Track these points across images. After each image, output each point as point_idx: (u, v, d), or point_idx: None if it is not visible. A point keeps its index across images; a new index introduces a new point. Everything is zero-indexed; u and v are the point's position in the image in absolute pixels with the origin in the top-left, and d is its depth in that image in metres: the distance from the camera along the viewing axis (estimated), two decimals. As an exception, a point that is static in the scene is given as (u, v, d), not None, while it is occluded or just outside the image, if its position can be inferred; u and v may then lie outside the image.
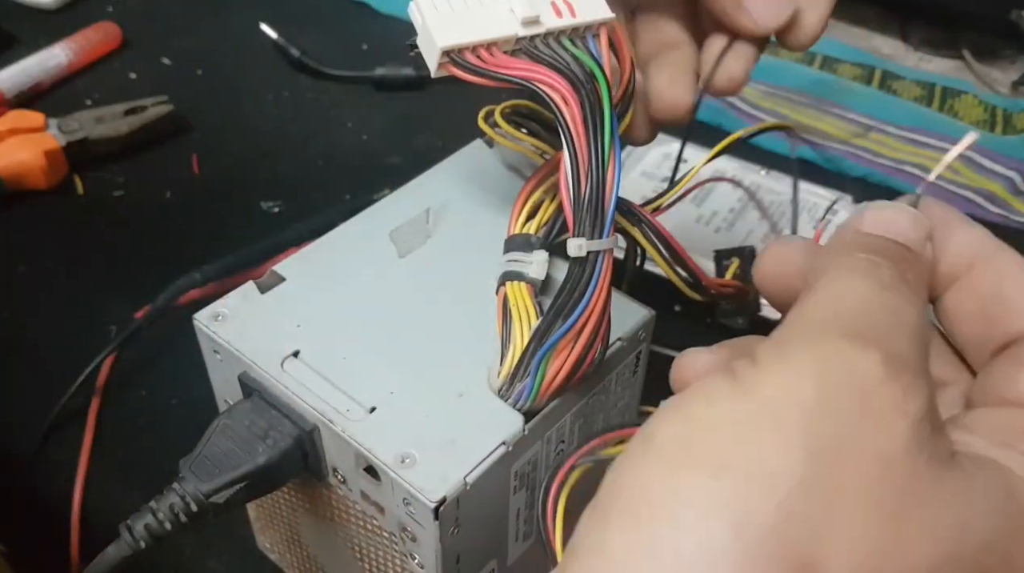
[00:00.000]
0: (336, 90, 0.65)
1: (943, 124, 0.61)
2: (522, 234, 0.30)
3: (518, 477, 0.29)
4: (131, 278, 0.51)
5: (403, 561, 0.29)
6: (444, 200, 0.35)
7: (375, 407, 0.28)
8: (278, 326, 0.31)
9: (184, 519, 0.28)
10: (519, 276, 0.29)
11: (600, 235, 0.27)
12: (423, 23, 0.27)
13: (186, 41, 0.69)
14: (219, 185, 0.58)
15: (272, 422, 0.29)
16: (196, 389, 0.34)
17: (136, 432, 0.44)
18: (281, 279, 0.32)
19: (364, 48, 0.69)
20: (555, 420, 0.29)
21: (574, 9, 0.28)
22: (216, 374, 0.32)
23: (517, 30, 0.27)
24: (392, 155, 0.60)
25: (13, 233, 0.55)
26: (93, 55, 0.67)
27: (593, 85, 0.27)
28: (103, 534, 0.29)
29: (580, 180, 0.27)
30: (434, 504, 0.26)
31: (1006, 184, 0.56)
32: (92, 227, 0.55)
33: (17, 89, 0.62)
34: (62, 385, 0.44)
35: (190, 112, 0.62)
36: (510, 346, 0.28)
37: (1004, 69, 0.67)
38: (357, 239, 0.34)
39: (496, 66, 0.27)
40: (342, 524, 0.31)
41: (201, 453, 0.29)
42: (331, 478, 0.30)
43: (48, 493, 0.42)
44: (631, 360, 0.32)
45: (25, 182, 0.56)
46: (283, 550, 0.37)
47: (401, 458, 0.27)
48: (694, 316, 0.44)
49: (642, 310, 0.32)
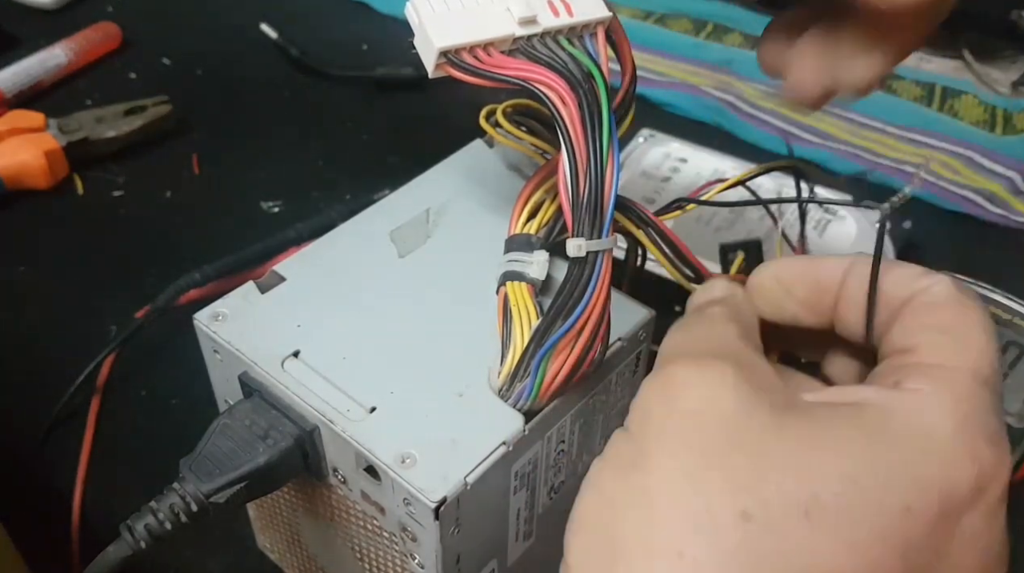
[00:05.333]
0: (336, 90, 0.65)
1: (943, 124, 0.61)
2: (523, 234, 0.30)
3: (518, 477, 0.29)
4: (131, 278, 0.51)
5: (403, 561, 0.29)
6: (444, 200, 0.35)
7: (375, 407, 0.28)
8: (278, 326, 0.31)
9: (184, 519, 0.28)
10: (519, 276, 0.29)
11: (599, 235, 0.27)
12: (419, 23, 0.27)
13: (186, 41, 0.69)
14: (219, 185, 0.58)
15: (272, 422, 0.29)
16: (196, 389, 0.34)
17: (136, 432, 0.44)
18: (281, 279, 0.32)
19: (364, 48, 0.69)
20: (555, 420, 0.29)
21: (571, 8, 0.28)
22: (216, 374, 0.32)
23: (514, 30, 0.27)
24: (392, 155, 0.60)
25: (13, 233, 0.55)
26: (93, 55, 0.67)
27: (591, 85, 0.27)
28: (103, 534, 0.29)
29: (578, 180, 0.27)
30: (434, 504, 0.26)
31: (1006, 184, 0.56)
32: (92, 227, 0.55)
33: (17, 89, 0.62)
34: (62, 385, 0.44)
35: (190, 112, 0.62)
36: (510, 346, 0.28)
37: (1004, 69, 0.67)
38: (357, 239, 0.34)
39: (493, 66, 0.27)
40: (342, 524, 0.31)
41: (201, 453, 0.29)
42: (331, 478, 0.30)
43: (48, 493, 0.42)
44: (631, 360, 0.32)
45: (25, 182, 0.56)
46: (283, 550, 0.37)
47: (401, 458, 0.27)
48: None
49: (642, 310, 0.32)
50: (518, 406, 0.28)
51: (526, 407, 0.28)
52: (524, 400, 0.28)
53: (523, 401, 0.28)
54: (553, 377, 0.27)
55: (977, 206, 0.55)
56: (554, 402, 0.29)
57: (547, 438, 0.30)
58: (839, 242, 0.50)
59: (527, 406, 0.28)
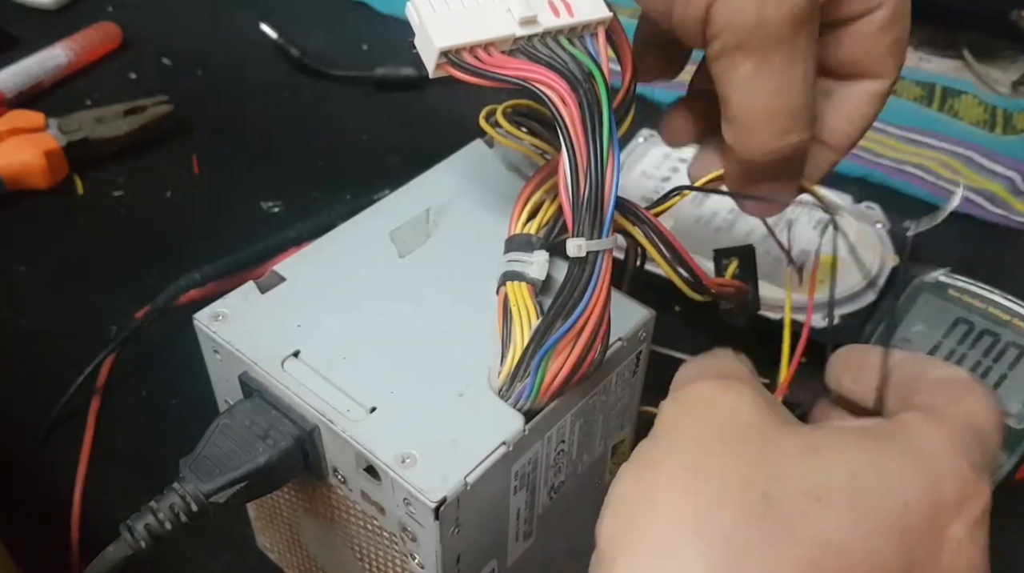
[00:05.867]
0: (336, 90, 0.65)
1: (943, 124, 0.61)
2: (523, 234, 0.30)
3: (518, 477, 0.29)
4: (131, 278, 0.51)
5: (403, 561, 0.29)
6: (444, 200, 0.35)
7: (375, 407, 0.28)
8: (278, 326, 0.31)
9: (184, 519, 0.28)
10: (519, 276, 0.29)
11: (599, 235, 0.27)
12: (420, 23, 0.27)
13: (186, 41, 0.69)
14: (219, 185, 0.58)
15: (272, 422, 0.29)
16: (196, 389, 0.34)
17: (136, 432, 0.44)
18: (281, 279, 0.32)
19: (364, 48, 0.69)
20: (555, 420, 0.29)
21: (572, 8, 0.28)
22: (216, 374, 0.32)
23: (515, 30, 0.27)
24: (392, 155, 0.60)
25: (13, 233, 0.55)
26: (93, 55, 0.67)
27: (591, 85, 0.27)
28: (103, 534, 0.29)
29: (579, 180, 0.27)
30: (434, 504, 0.26)
31: (1006, 184, 0.56)
32: (92, 227, 0.55)
33: (17, 89, 0.62)
34: (62, 385, 0.44)
35: (190, 112, 0.62)
36: (510, 346, 0.28)
37: (1004, 69, 0.67)
38: (357, 239, 0.34)
39: (494, 66, 0.27)
40: (342, 524, 0.31)
41: (201, 453, 0.29)
42: (331, 478, 0.30)
43: (48, 493, 0.42)
44: (631, 360, 0.32)
45: (25, 182, 0.56)
46: (283, 550, 0.37)
47: (401, 458, 0.27)
48: (694, 316, 0.44)
49: (642, 310, 0.32)
50: (518, 406, 0.28)
51: (526, 407, 0.28)
52: (524, 400, 0.28)
53: (523, 401, 0.28)
54: (553, 377, 0.27)
55: (977, 206, 0.55)
56: (554, 402, 0.29)
57: (547, 438, 0.30)
58: (839, 240, 0.50)
59: (527, 406, 0.28)
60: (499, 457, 0.27)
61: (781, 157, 0.28)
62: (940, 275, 0.45)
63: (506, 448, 0.27)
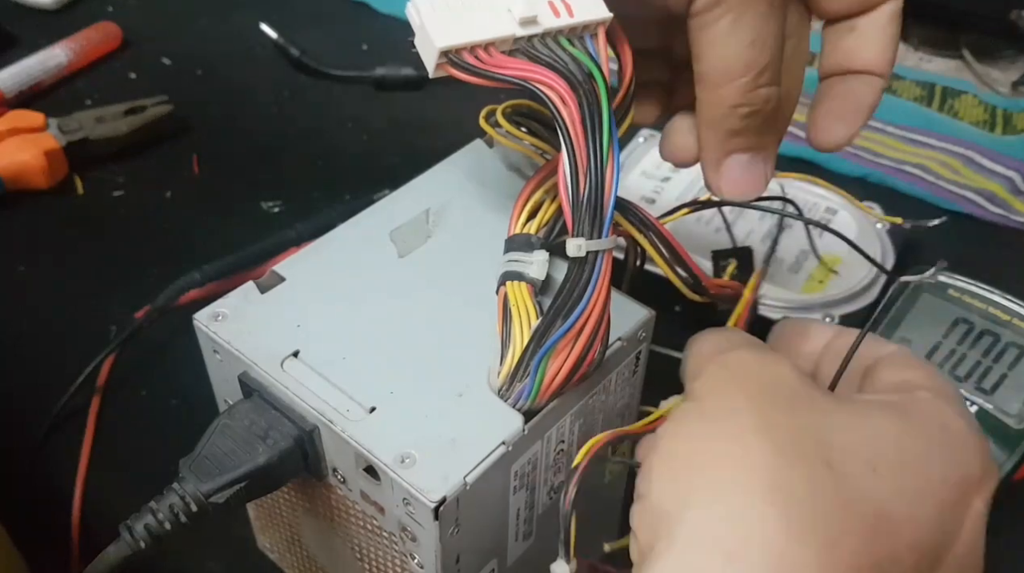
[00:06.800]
0: (336, 90, 0.65)
1: (943, 124, 0.61)
2: (523, 234, 0.30)
3: (518, 477, 0.29)
4: (131, 278, 0.51)
5: (403, 561, 0.29)
6: (444, 200, 0.35)
7: (375, 407, 0.28)
8: (278, 326, 0.31)
9: (184, 519, 0.28)
10: (519, 276, 0.29)
11: (599, 235, 0.27)
12: (421, 23, 0.27)
13: (186, 41, 0.69)
14: (219, 185, 0.58)
15: (272, 422, 0.29)
16: (196, 389, 0.34)
17: (136, 432, 0.44)
18: (281, 279, 0.32)
19: (364, 48, 0.69)
20: (555, 420, 0.29)
21: (572, 9, 0.28)
22: (216, 374, 0.32)
23: (515, 30, 0.27)
24: (392, 155, 0.60)
25: (13, 233, 0.55)
26: (93, 55, 0.67)
27: (591, 85, 0.27)
28: (103, 534, 0.29)
29: (579, 180, 0.27)
30: (434, 504, 0.26)
31: (1006, 184, 0.56)
32: (92, 227, 0.55)
33: (17, 89, 0.62)
34: (62, 385, 0.44)
35: (190, 112, 0.62)
36: (510, 346, 0.28)
37: (1004, 69, 0.67)
38: (357, 239, 0.34)
39: (494, 66, 0.27)
40: (342, 524, 0.31)
41: (201, 453, 0.29)
42: (331, 478, 0.30)
43: (48, 493, 0.42)
44: (631, 360, 0.32)
45: (25, 182, 0.56)
46: (283, 550, 0.37)
47: (401, 458, 0.27)
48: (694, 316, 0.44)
49: (642, 310, 0.32)
50: (518, 406, 0.28)
51: (526, 407, 0.28)
52: (524, 400, 0.28)
53: (523, 401, 0.28)
54: (553, 377, 0.27)
55: (977, 206, 0.55)
56: (554, 402, 0.29)
57: (547, 438, 0.30)
58: (838, 242, 0.50)
59: (527, 406, 0.28)
60: (499, 457, 0.27)
61: (750, 114, 0.28)
62: (940, 275, 0.45)
63: (506, 448, 0.27)
